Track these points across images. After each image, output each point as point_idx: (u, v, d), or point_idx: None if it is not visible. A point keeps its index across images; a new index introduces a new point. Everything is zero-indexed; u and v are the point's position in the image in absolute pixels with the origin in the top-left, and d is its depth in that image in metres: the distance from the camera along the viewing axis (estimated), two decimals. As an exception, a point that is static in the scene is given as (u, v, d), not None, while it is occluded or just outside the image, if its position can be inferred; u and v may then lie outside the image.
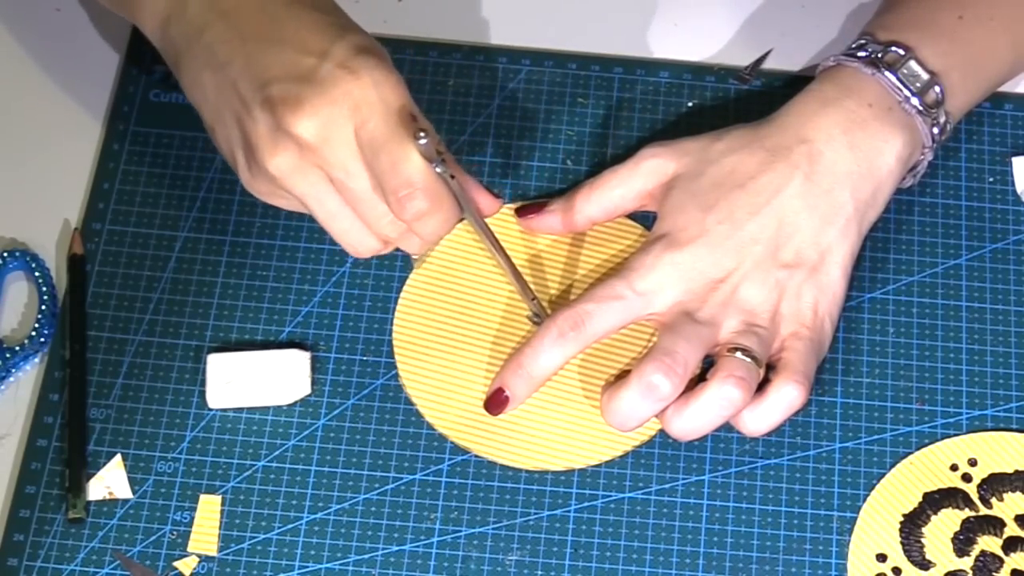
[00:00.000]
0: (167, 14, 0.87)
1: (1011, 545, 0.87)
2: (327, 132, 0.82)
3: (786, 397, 0.87)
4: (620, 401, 0.86)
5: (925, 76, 0.91)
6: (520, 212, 0.94)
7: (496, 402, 0.89)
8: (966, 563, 0.87)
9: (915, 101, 0.90)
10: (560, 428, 0.90)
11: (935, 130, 0.92)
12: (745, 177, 0.89)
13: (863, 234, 0.91)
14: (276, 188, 0.86)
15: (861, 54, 0.92)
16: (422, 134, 0.81)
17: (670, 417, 0.86)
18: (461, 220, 0.89)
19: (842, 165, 0.89)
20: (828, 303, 0.89)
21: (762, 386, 0.87)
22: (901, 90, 0.90)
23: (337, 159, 0.83)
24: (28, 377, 0.91)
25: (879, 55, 0.91)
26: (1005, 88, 1.00)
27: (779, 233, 0.88)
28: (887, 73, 0.90)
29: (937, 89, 0.91)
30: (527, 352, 0.88)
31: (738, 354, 0.86)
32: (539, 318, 0.91)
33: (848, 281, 0.90)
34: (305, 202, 0.85)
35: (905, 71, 0.91)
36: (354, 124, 0.83)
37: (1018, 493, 0.89)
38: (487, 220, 0.90)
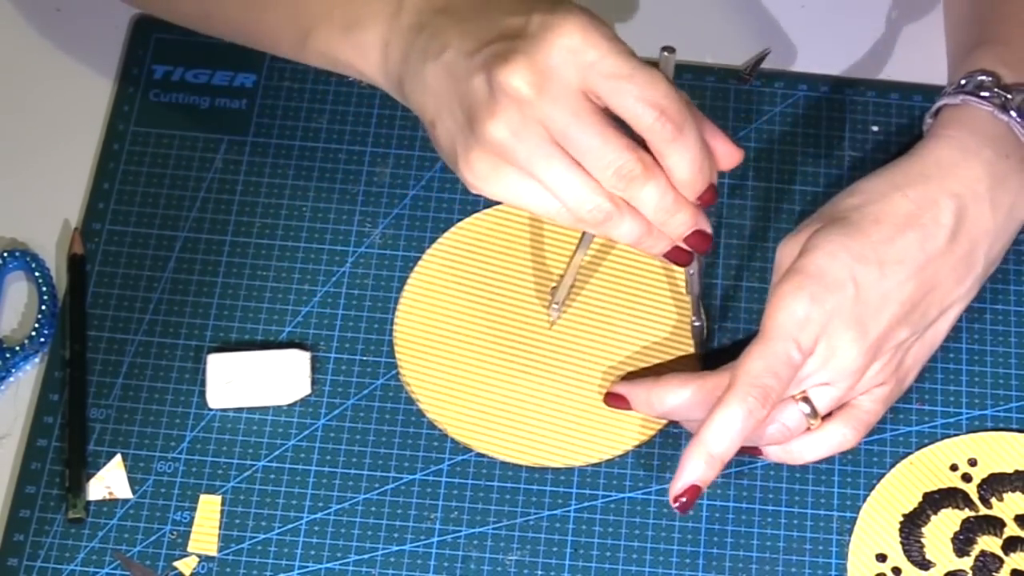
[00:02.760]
0: (385, 39, 0.85)
1: (1011, 545, 0.87)
2: (543, 82, 0.78)
3: (837, 439, 0.86)
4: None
5: None
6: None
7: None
8: (966, 563, 0.87)
9: None
10: (561, 426, 0.90)
11: None
12: (892, 223, 0.86)
13: (980, 287, 0.89)
14: (499, 162, 0.80)
15: (985, 94, 0.88)
16: (665, 52, 0.81)
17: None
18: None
19: (983, 224, 0.87)
20: (924, 355, 0.88)
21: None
22: None
23: (558, 108, 0.79)
24: (28, 377, 0.91)
25: (1008, 97, 0.88)
26: (1005, 88, 1.00)
27: (917, 293, 0.86)
28: (1018, 118, 0.88)
29: None
30: (714, 434, 0.82)
31: (800, 404, 0.85)
32: (558, 307, 0.92)
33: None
34: (526, 165, 0.80)
35: None
36: (577, 69, 0.79)
37: (1018, 493, 0.89)
38: None
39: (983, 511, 0.88)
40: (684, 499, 0.83)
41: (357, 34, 0.85)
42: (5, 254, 0.93)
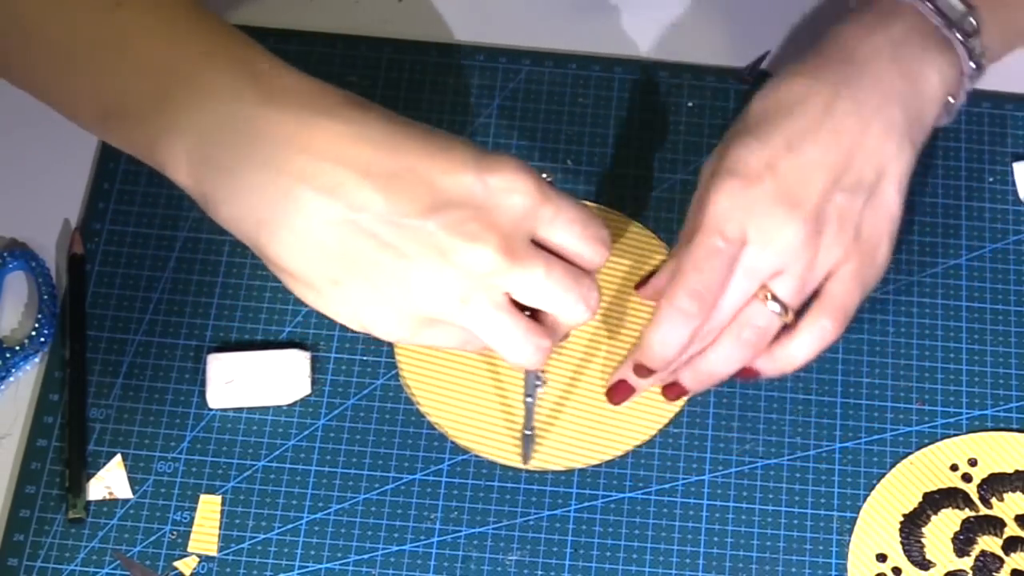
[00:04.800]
0: (224, 161, 0.74)
1: (1011, 545, 0.87)
2: (510, 249, 0.74)
3: (818, 333, 0.86)
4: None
5: (960, 8, 0.89)
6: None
7: (620, 393, 0.89)
8: (966, 563, 0.87)
9: (954, 29, 0.89)
10: (560, 428, 0.90)
11: (972, 64, 0.90)
12: (793, 103, 0.86)
13: (916, 154, 0.88)
14: (433, 325, 0.76)
15: None
16: (546, 175, 0.77)
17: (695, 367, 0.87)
18: None
19: (888, 82, 0.87)
20: (883, 224, 0.87)
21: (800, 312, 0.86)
22: (940, 17, 0.89)
23: (527, 270, 0.75)
24: (28, 377, 0.91)
25: None
26: (1005, 88, 1.00)
27: (839, 157, 0.85)
28: (926, 1, 0.89)
29: (972, 21, 0.89)
30: (654, 339, 0.84)
31: (769, 303, 0.85)
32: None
33: (904, 201, 0.88)
34: (476, 328, 0.76)
35: (940, 2, 0.89)
36: (529, 224, 0.75)
37: (1018, 493, 0.89)
38: None
39: (983, 511, 0.88)
40: (615, 394, 0.88)
41: (181, 139, 0.75)
42: (5, 254, 0.93)
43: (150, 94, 0.76)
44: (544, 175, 0.77)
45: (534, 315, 0.78)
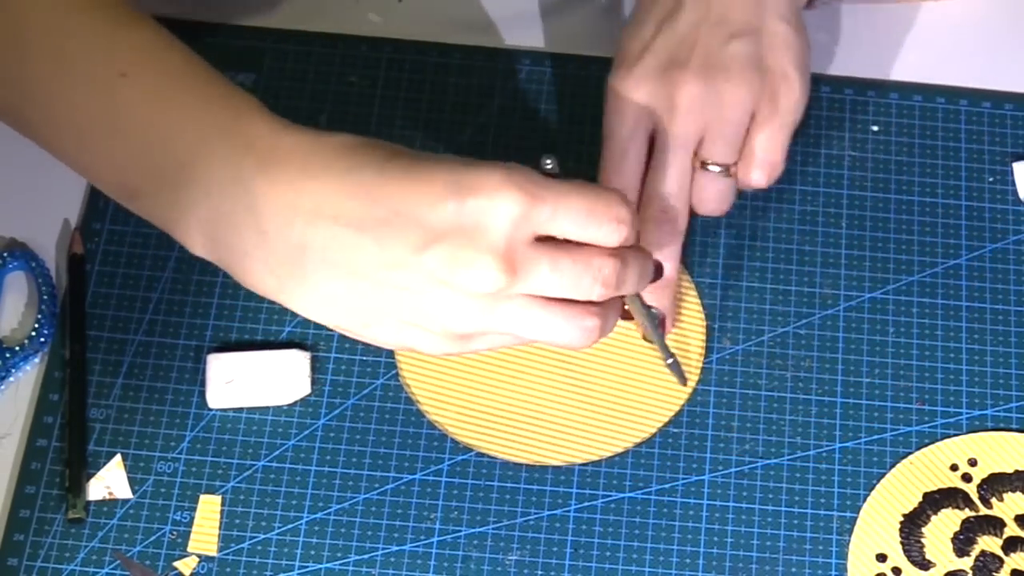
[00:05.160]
0: (235, 233, 0.77)
1: (1011, 545, 0.87)
2: (510, 263, 0.75)
3: (750, 183, 0.90)
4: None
5: None
6: None
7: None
8: (966, 563, 0.87)
9: None
10: (561, 424, 0.90)
11: None
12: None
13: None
14: (473, 337, 0.78)
15: None
16: (548, 161, 0.77)
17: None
18: None
19: None
20: (783, 53, 0.89)
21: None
22: None
23: (533, 274, 0.76)
24: (28, 377, 0.91)
25: None
26: (1005, 88, 1.00)
27: (709, 10, 0.88)
28: None
29: None
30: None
31: (710, 167, 0.89)
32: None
33: (801, 31, 0.90)
34: (512, 331, 0.77)
35: None
36: (526, 229, 0.75)
37: (1018, 493, 0.89)
38: None
39: (983, 511, 0.88)
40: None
41: (193, 215, 0.78)
42: (5, 254, 0.93)
43: (156, 175, 0.78)
44: (547, 162, 0.77)
45: None
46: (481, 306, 0.76)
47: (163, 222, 0.80)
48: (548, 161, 0.77)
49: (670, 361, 0.90)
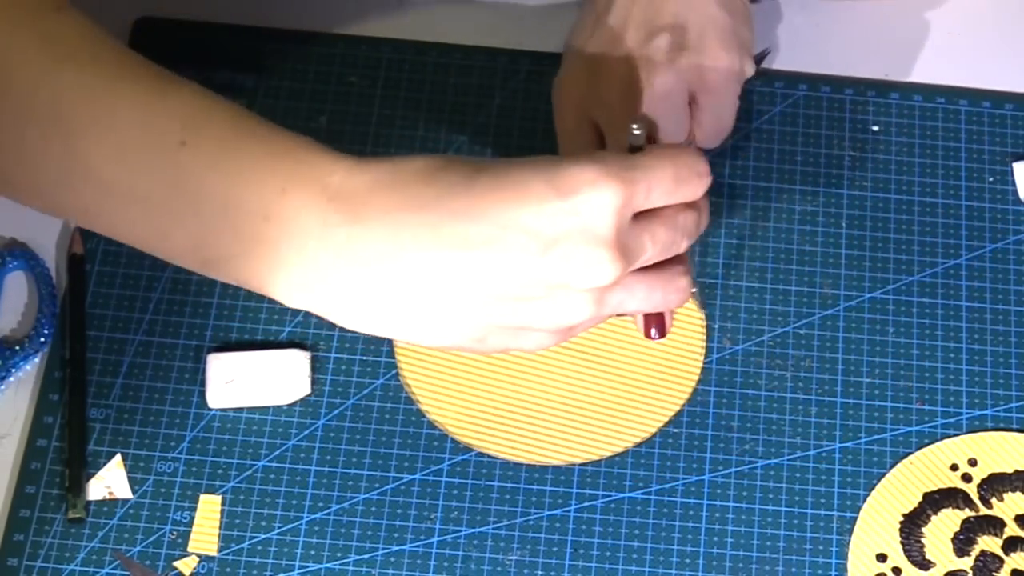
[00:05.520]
0: (331, 278, 0.76)
1: (1011, 545, 0.87)
2: (621, 253, 0.75)
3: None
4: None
5: None
6: None
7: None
8: (966, 563, 0.87)
9: None
10: (561, 423, 0.90)
11: None
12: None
13: None
14: (592, 322, 0.79)
15: None
16: (635, 127, 0.78)
17: None
18: None
19: None
20: (708, 38, 0.90)
21: None
22: None
23: (641, 249, 0.77)
24: (28, 377, 0.91)
25: None
26: (1005, 88, 1.00)
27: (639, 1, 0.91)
28: None
29: None
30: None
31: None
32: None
33: (735, 12, 0.92)
34: (626, 310, 0.79)
35: None
36: (627, 216, 0.75)
37: (1018, 493, 0.89)
38: None
39: (983, 511, 0.88)
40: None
41: (282, 273, 0.76)
42: (5, 254, 0.93)
43: (238, 237, 0.76)
44: (636, 129, 0.78)
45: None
46: (595, 298, 0.76)
47: (253, 281, 0.77)
48: (636, 128, 0.78)
49: (693, 291, 0.89)
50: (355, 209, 0.75)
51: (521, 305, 0.76)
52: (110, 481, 0.88)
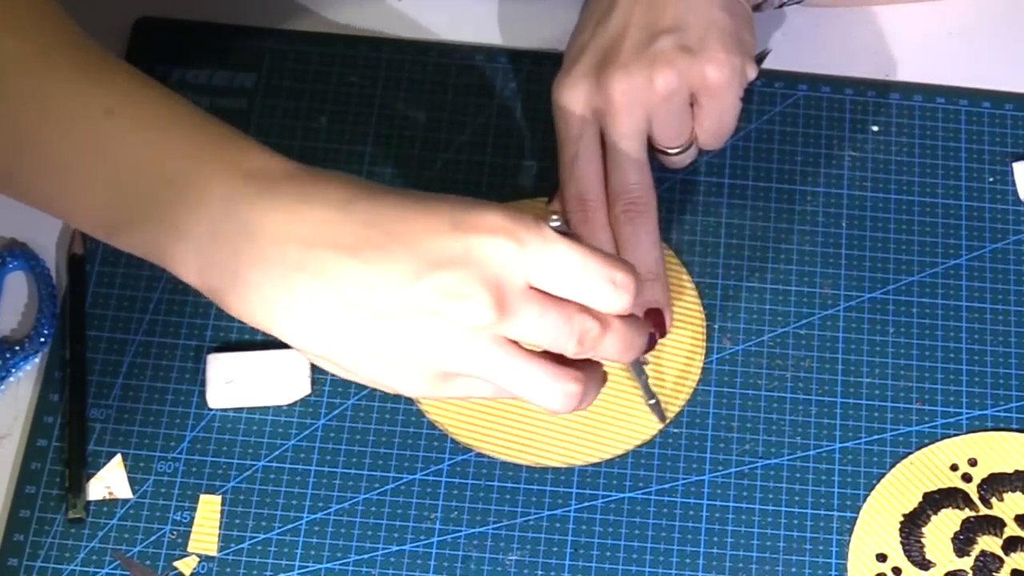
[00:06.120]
0: (230, 261, 0.76)
1: (1011, 545, 0.87)
2: (500, 301, 0.74)
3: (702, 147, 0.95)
4: None
5: None
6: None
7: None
8: (966, 563, 0.87)
9: None
10: (561, 425, 0.90)
11: None
12: None
13: None
14: (453, 379, 0.77)
15: None
16: (555, 218, 0.77)
17: None
18: None
19: None
20: (709, 41, 0.90)
21: None
22: None
23: (519, 319, 0.75)
24: (28, 377, 0.91)
25: None
26: (1005, 88, 1.00)
27: (639, 10, 0.91)
28: None
29: None
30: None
31: (666, 151, 0.93)
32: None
33: (735, 15, 0.92)
34: (492, 378, 0.76)
35: None
36: (521, 274, 0.75)
37: (1018, 493, 0.89)
38: None
39: (983, 511, 0.88)
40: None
41: (187, 246, 0.77)
42: (5, 254, 0.93)
43: (143, 201, 0.77)
44: (554, 218, 0.77)
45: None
46: (468, 343, 0.75)
47: (153, 250, 0.78)
48: (555, 218, 0.77)
49: (652, 402, 0.90)
50: (263, 189, 0.76)
51: (392, 326, 0.75)
52: (110, 481, 0.88)
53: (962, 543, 0.87)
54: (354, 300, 0.75)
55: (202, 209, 0.76)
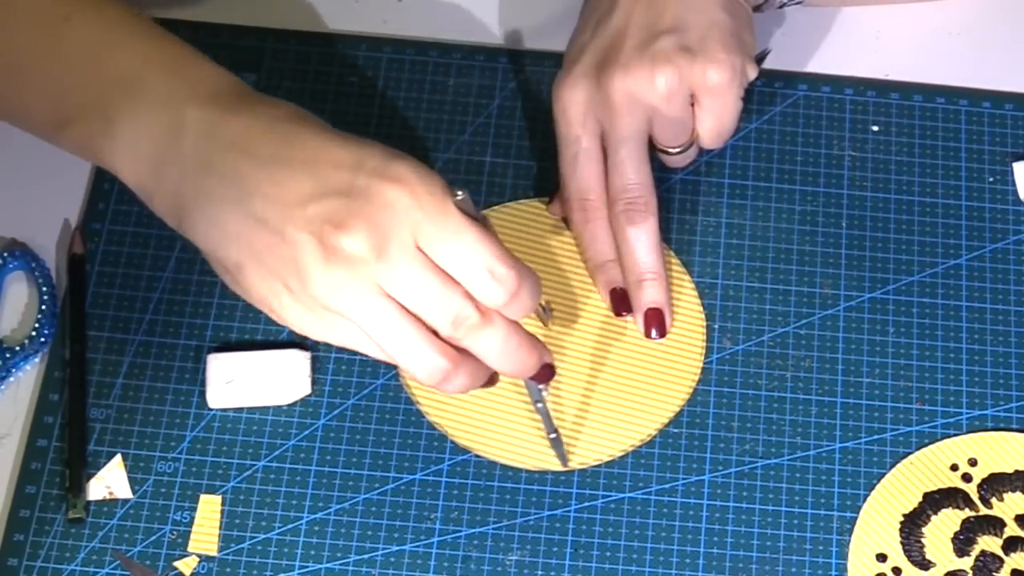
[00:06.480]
0: (158, 156, 0.81)
1: (1011, 545, 0.87)
2: (381, 243, 0.77)
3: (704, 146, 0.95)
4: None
5: None
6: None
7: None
8: (966, 563, 0.87)
9: None
10: (561, 427, 0.90)
11: None
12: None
13: None
14: (323, 313, 0.79)
15: None
16: (460, 193, 0.78)
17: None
18: None
19: None
20: (709, 41, 0.90)
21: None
22: None
23: (396, 268, 0.77)
24: (28, 377, 0.91)
25: None
26: (1005, 88, 1.00)
27: (640, 11, 0.92)
28: None
29: None
30: (586, 256, 0.92)
31: (667, 150, 0.94)
32: (546, 313, 0.92)
33: (735, 15, 0.92)
34: (359, 322, 0.78)
35: None
36: (410, 228, 0.77)
37: (1018, 493, 0.89)
38: None
39: (983, 511, 0.88)
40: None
41: (124, 140, 0.81)
42: (5, 254, 0.93)
43: (94, 99, 0.81)
44: (458, 193, 0.78)
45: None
46: (345, 278, 0.77)
47: (91, 144, 0.82)
48: (460, 194, 0.78)
49: (553, 436, 0.89)
50: (204, 97, 0.80)
51: (278, 242, 0.77)
52: (110, 481, 0.88)
53: (962, 543, 0.87)
54: (251, 209, 0.78)
55: (141, 107, 0.80)
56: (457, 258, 0.78)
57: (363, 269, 0.77)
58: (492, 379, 0.84)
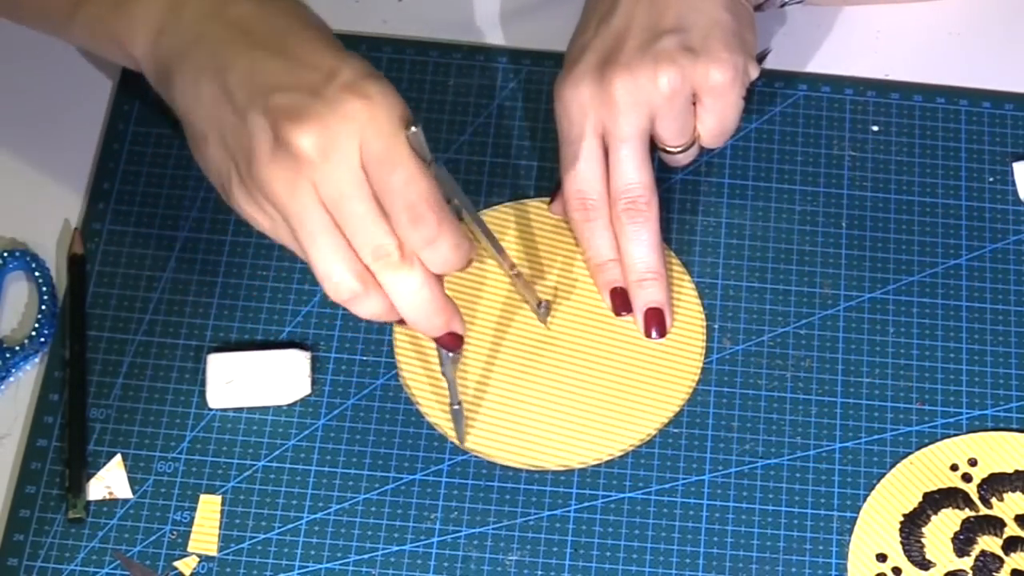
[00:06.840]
0: (161, 24, 0.83)
1: (1011, 545, 0.87)
2: (329, 148, 0.78)
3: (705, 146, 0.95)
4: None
5: None
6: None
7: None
8: (966, 563, 0.87)
9: None
10: (560, 428, 0.90)
11: None
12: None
13: None
14: (262, 201, 0.80)
15: None
16: (413, 128, 0.79)
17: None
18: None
19: None
20: (712, 41, 0.90)
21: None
22: None
23: (337, 177, 0.78)
24: (28, 377, 0.91)
25: None
26: (1005, 88, 1.00)
27: (640, 10, 0.92)
28: None
29: None
30: (587, 256, 0.92)
31: (669, 150, 0.94)
32: (544, 311, 0.91)
33: (738, 15, 0.92)
34: (289, 219, 0.79)
35: None
36: (359, 143, 0.78)
37: (1018, 493, 0.89)
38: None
39: (983, 511, 0.88)
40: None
41: (131, 8, 0.85)
42: (5, 254, 0.93)
43: None
44: (412, 128, 0.79)
45: None
46: (286, 171, 0.78)
47: (107, 23, 0.85)
48: (414, 130, 0.79)
49: (455, 408, 0.88)
50: None
51: (238, 122, 0.79)
52: (110, 481, 0.88)
53: (962, 543, 0.87)
54: (226, 82, 0.80)
55: None
56: (387, 188, 0.79)
57: (305, 168, 0.78)
58: (403, 320, 0.83)
